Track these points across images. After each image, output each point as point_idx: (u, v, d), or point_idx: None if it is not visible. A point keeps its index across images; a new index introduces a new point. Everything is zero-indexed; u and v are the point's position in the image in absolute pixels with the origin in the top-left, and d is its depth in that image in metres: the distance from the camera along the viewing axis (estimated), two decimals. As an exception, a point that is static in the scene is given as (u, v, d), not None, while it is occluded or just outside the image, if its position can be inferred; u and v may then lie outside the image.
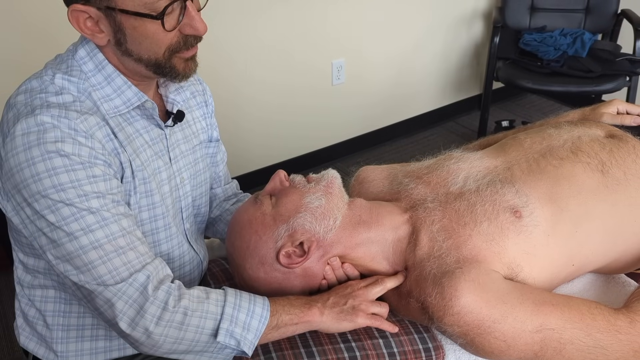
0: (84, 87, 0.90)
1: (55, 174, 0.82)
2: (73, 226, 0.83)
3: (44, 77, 0.90)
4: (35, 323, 1.02)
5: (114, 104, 0.92)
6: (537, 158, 1.06)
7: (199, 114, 1.14)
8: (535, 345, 0.86)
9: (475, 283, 0.87)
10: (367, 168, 1.21)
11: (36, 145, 0.82)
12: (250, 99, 2.47)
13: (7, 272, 2.23)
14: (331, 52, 2.62)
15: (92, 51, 0.91)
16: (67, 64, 0.92)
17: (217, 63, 2.28)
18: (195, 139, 1.11)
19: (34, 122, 0.83)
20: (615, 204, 1.00)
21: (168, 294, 0.86)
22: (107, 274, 0.84)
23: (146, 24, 0.85)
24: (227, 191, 1.29)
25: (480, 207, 0.97)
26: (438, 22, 2.94)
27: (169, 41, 0.88)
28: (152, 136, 0.99)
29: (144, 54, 0.89)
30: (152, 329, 0.84)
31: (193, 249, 1.11)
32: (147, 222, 0.98)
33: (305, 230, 0.97)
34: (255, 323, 0.89)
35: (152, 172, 0.97)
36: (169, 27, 0.85)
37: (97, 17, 0.86)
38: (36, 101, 0.86)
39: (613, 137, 1.11)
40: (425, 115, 3.18)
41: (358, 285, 0.98)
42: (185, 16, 0.86)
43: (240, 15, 2.28)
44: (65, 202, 0.82)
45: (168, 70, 0.91)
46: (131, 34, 0.86)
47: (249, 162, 2.59)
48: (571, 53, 2.63)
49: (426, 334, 0.97)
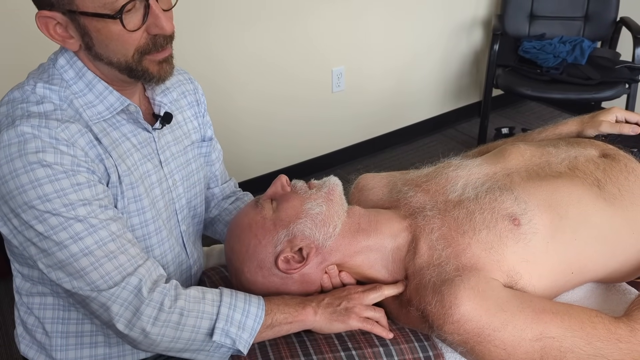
0: (65, 95, 0.90)
1: (39, 184, 0.82)
2: (62, 235, 0.84)
3: (26, 87, 0.90)
4: (34, 331, 1.02)
5: (96, 110, 0.92)
6: (537, 169, 1.08)
7: (190, 113, 1.13)
8: (535, 354, 0.86)
9: (475, 291, 0.88)
10: (366, 176, 1.21)
11: (18, 157, 0.82)
12: (249, 105, 2.47)
13: (6, 279, 2.23)
14: (331, 59, 2.63)
15: (72, 59, 0.91)
16: (48, 73, 0.92)
17: (215, 71, 2.29)
18: (186, 139, 1.10)
19: (14, 133, 0.82)
20: (613, 215, 1.01)
21: (163, 295, 0.87)
22: (99, 279, 0.85)
23: (109, 25, 0.83)
24: (225, 190, 1.29)
25: (479, 215, 0.97)
26: (438, 29, 2.95)
27: (136, 42, 0.86)
28: (140, 139, 0.99)
29: (113, 57, 0.88)
30: (149, 330, 0.86)
31: (185, 252, 1.11)
32: (138, 228, 0.97)
33: (305, 237, 0.97)
34: (250, 322, 0.91)
35: (140, 176, 0.97)
36: (131, 26, 0.84)
37: (64, 22, 0.85)
38: (17, 112, 0.86)
39: (606, 157, 1.13)
40: (425, 122, 3.19)
41: (355, 289, 0.99)
42: (150, 15, 0.85)
43: (240, 24, 2.29)
44: (52, 212, 0.83)
45: (141, 74, 0.90)
46: (97, 36, 0.85)
47: (249, 169, 2.60)
48: (570, 60, 2.64)
49: (426, 342, 0.97)
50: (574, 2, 2.83)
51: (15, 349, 1.94)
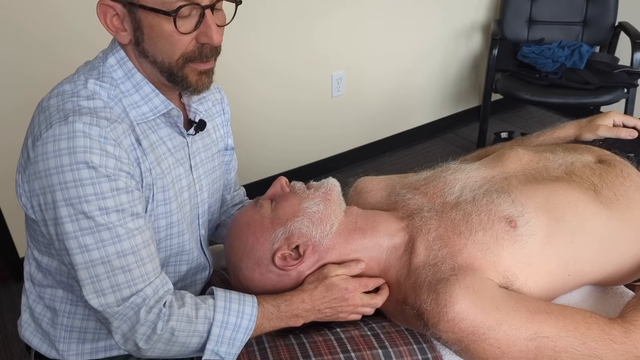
0: (114, 94, 0.92)
1: (81, 184, 0.84)
2: (88, 239, 0.86)
3: (77, 82, 0.92)
4: (41, 319, 1.05)
5: (141, 110, 0.94)
6: (534, 173, 1.09)
7: (217, 122, 1.16)
8: (530, 353, 0.86)
9: (470, 290, 0.88)
10: (365, 179, 1.22)
11: (66, 154, 0.83)
12: (249, 109, 2.48)
13: (5, 284, 2.24)
14: (331, 64, 2.65)
15: (122, 59, 0.94)
16: (98, 70, 0.94)
17: (215, 75, 2.29)
18: (214, 147, 1.13)
19: (66, 129, 0.84)
20: (609, 219, 1.02)
21: (158, 317, 0.90)
22: (108, 288, 0.88)
23: (162, 22, 0.86)
24: (235, 198, 1.32)
25: (475, 217, 0.98)
26: (437, 34, 2.97)
27: (184, 46, 0.89)
28: (175, 144, 1.01)
29: (158, 56, 0.90)
30: (141, 345, 0.90)
31: (204, 255, 1.13)
32: (162, 229, 1.00)
33: (301, 234, 0.98)
34: (238, 342, 0.94)
35: (172, 180, 0.99)
36: (183, 29, 0.86)
37: (122, 14, 0.88)
38: (68, 104, 0.88)
39: (602, 162, 1.14)
40: (425, 126, 3.20)
41: (354, 292, 0.99)
42: (202, 24, 0.88)
43: (241, 28, 2.30)
44: (87, 214, 0.85)
45: (180, 80, 0.92)
46: (148, 32, 0.88)
47: (249, 173, 2.60)
48: (569, 65, 2.65)
49: (425, 345, 0.98)
50: (572, 7, 2.84)
51: (15, 350, 1.94)
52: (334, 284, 0.97)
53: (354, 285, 0.98)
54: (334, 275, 0.98)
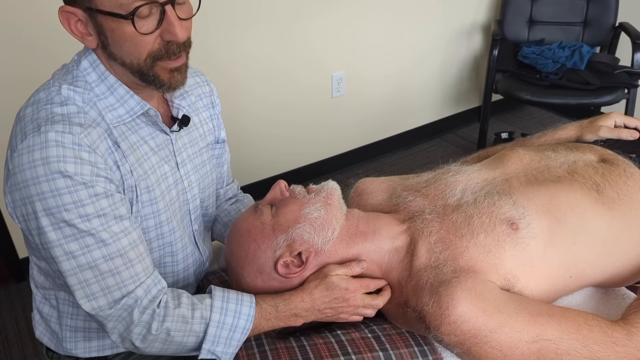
0: (89, 97, 0.92)
1: (59, 194, 0.84)
2: (72, 246, 0.86)
3: (51, 88, 0.92)
4: (48, 320, 1.06)
5: (117, 113, 0.94)
6: (536, 174, 1.09)
7: (205, 115, 1.15)
8: (532, 356, 0.86)
9: (472, 292, 0.88)
10: (366, 180, 1.22)
11: (40, 164, 0.83)
12: (249, 110, 2.48)
13: (5, 284, 2.24)
14: (331, 64, 2.64)
15: (95, 62, 0.93)
16: (72, 74, 0.93)
17: (215, 76, 2.28)
18: (202, 141, 1.12)
19: (39, 139, 0.84)
20: (611, 220, 1.02)
21: (152, 318, 0.90)
22: (99, 292, 0.88)
23: (123, 25, 0.84)
24: (228, 192, 1.31)
25: (477, 219, 0.98)
26: (438, 34, 2.97)
27: (149, 46, 0.87)
28: (158, 142, 1.00)
29: (126, 58, 0.89)
30: (138, 344, 0.91)
31: (198, 249, 1.13)
32: (152, 230, 0.99)
33: (303, 241, 0.98)
34: (235, 342, 0.94)
35: (157, 179, 0.99)
36: (144, 30, 0.85)
37: (84, 19, 0.87)
38: (42, 113, 0.87)
39: (605, 162, 1.13)
40: (425, 127, 3.20)
41: (355, 293, 0.98)
42: (164, 21, 0.86)
43: (241, 29, 2.30)
44: (68, 222, 0.85)
45: (152, 79, 0.91)
46: (111, 36, 0.87)
47: (249, 174, 2.60)
48: (569, 66, 2.64)
49: (426, 347, 0.97)
50: (573, 7, 2.84)
51: (15, 351, 1.94)
52: (334, 283, 0.96)
53: (354, 286, 0.98)
54: (334, 274, 0.97)
